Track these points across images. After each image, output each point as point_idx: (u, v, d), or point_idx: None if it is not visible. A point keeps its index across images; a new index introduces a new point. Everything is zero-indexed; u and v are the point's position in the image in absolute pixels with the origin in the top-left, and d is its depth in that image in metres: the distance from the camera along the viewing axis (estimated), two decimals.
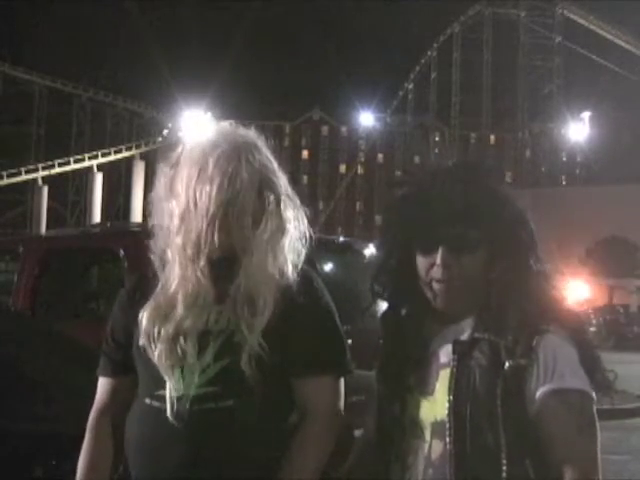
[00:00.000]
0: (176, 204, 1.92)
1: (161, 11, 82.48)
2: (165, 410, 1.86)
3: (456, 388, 1.69)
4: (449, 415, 1.68)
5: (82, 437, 2.04)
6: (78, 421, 2.09)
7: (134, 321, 1.96)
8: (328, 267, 5.96)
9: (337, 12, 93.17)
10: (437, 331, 1.78)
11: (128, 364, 1.99)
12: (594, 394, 1.67)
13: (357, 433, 1.98)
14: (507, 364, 1.64)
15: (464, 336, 1.72)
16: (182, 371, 1.88)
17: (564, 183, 71.78)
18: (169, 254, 1.93)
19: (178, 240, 1.91)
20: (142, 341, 1.93)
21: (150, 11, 78.46)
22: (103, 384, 2.07)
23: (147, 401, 1.91)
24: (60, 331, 4.11)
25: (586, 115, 72.12)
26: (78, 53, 73.19)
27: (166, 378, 1.88)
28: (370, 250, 6.15)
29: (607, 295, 43.05)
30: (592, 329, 31.74)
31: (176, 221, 1.91)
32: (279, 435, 1.89)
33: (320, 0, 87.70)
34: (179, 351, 1.88)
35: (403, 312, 1.83)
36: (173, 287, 1.92)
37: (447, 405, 1.69)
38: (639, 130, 69.38)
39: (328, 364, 1.94)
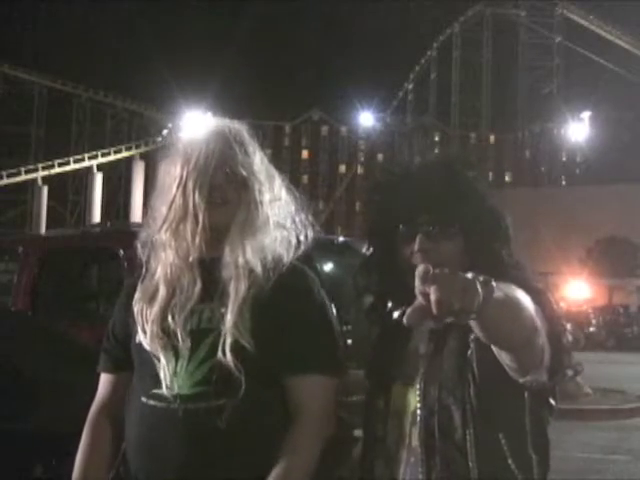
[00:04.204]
0: (165, 195, 1.96)
1: (161, 11, 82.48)
2: (161, 409, 1.87)
3: (427, 374, 1.72)
4: (419, 400, 1.71)
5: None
6: (78, 421, 2.09)
7: (132, 318, 1.98)
8: (328, 267, 5.95)
9: (337, 12, 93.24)
10: (420, 324, 1.78)
11: (127, 361, 2.01)
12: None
13: (357, 433, 1.98)
14: (470, 342, 1.65)
15: (439, 324, 1.71)
16: (175, 370, 1.89)
17: (564, 183, 71.75)
18: (155, 241, 1.97)
19: (164, 227, 1.95)
20: (139, 336, 1.94)
21: (150, 11, 78.48)
22: (103, 380, 2.08)
23: (144, 399, 1.92)
24: (60, 331, 4.11)
25: (586, 115, 72.09)
26: (78, 53, 73.26)
27: (160, 373, 1.89)
28: None
29: (607, 295, 43.02)
30: (592, 329, 31.75)
31: (164, 210, 1.95)
32: (271, 434, 1.88)
33: (320, 0, 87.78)
34: (170, 333, 1.90)
35: (388, 305, 1.83)
36: (157, 271, 1.96)
37: (418, 392, 1.72)
38: (639, 130, 69.38)
39: (322, 364, 1.93)
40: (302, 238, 2.00)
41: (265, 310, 1.89)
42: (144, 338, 1.92)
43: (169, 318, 1.91)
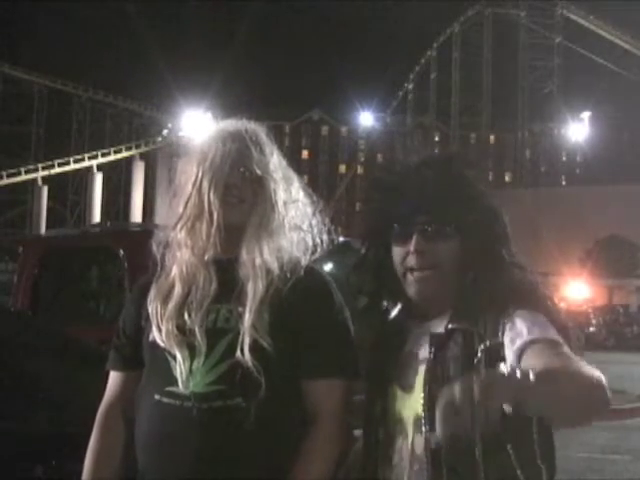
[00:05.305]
0: (180, 194, 1.96)
1: (161, 11, 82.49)
2: (175, 407, 1.86)
3: (430, 381, 1.68)
4: (424, 408, 1.67)
5: (83, 436, 2.04)
6: (78, 421, 2.09)
7: (145, 316, 1.98)
8: (328, 267, 5.95)
9: (337, 12, 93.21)
10: (418, 327, 1.78)
11: (138, 359, 2.00)
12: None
13: (357, 433, 1.98)
14: (480, 351, 1.62)
15: (440, 328, 1.71)
16: (191, 368, 1.88)
17: (564, 183, 71.69)
18: (170, 240, 1.97)
19: (179, 225, 1.95)
20: (152, 334, 1.94)
21: (150, 11, 78.49)
22: (113, 378, 2.07)
23: (157, 397, 1.91)
24: (60, 331, 4.11)
25: (586, 115, 72.04)
26: (78, 53, 73.24)
27: (175, 371, 1.88)
28: None
29: (607, 295, 43.04)
30: (592, 329, 31.77)
31: (179, 209, 1.95)
32: (287, 435, 1.88)
33: (320, 0, 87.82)
34: (185, 331, 1.90)
35: (384, 307, 1.82)
36: (173, 269, 1.96)
37: (422, 399, 1.68)
38: (639, 130, 69.33)
39: (341, 368, 1.93)
40: (318, 241, 2.00)
41: (283, 311, 1.89)
42: (159, 335, 1.91)
43: (185, 316, 1.91)
